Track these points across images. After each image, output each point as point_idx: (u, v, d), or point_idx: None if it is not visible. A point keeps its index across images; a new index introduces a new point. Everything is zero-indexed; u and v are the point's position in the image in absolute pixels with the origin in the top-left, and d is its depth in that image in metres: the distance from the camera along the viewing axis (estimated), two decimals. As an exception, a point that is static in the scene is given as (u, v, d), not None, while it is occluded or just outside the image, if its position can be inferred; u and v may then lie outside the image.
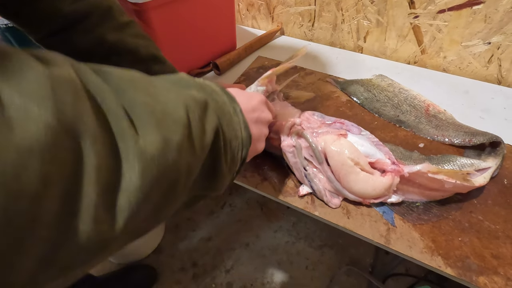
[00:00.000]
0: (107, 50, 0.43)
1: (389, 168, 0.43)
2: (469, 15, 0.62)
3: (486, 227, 0.42)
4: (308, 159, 0.46)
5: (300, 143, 0.46)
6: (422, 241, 0.41)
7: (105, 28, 0.42)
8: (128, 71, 0.22)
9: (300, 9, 0.81)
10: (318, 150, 0.44)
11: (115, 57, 0.44)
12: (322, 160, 0.45)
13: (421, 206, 0.45)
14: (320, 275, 1.02)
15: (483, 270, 0.38)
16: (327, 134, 0.46)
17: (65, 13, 0.39)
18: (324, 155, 0.45)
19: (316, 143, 0.45)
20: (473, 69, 0.69)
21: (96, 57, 0.43)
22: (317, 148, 0.44)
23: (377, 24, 0.73)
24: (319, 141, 0.45)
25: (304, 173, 0.46)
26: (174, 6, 0.58)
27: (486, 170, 0.46)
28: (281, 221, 1.16)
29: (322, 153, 0.44)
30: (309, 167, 0.46)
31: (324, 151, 0.44)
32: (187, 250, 1.10)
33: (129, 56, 0.45)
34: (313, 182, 0.46)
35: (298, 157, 0.46)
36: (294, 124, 0.49)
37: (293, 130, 0.47)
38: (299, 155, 0.46)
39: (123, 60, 0.45)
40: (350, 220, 0.44)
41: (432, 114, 0.58)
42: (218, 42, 0.73)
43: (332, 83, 0.68)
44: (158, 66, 0.48)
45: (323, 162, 0.45)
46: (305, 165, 0.46)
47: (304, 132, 0.46)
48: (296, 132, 0.47)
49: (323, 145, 0.44)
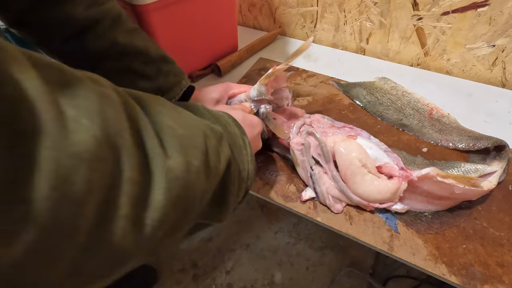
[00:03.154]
0: (119, 52, 0.44)
1: (397, 173, 0.43)
2: (474, 17, 0.62)
3: (491, 234, 0.42)
4: (315, 159, 0.46)
5: (309, 141, 0.46)
6: (425, 248, 0.41)
7: (116, 32, 0.43)
8: (154, 96, 0.23)
9: (302, 10, 0.80)
10: (326, 148, 0.45)
11: (127, 58, 0.44)
12: (329, 159, 0.45)
13: (430, 216, 0.44)
14: (321, 276, 1.02)
15: (488, 279, 0.38)
16: (337, 135, 0.46)
17: (78, 19, 0.40)
18: (332, 155, 0.45)
19: (325, 142, 0.45)
20: (477, 71, 0.69)
21: (109, 60, 0.43)
22: (326, 146, 0.45)
23: (380, 26, 0.72)
24: (328, 140, 0.45)
25: (310, 172, 0.46)
26: (174, 8, 0.57)
27: (491, 175, 0.45)
28: (282, 222, 1.16)
29: (330, 152, 0.45)
30: (315, 167, 0.46)
31: (333, 150, 0.45)
32: (188, 251, 1.10)
33: (140, 57, 0.45)
34: (317, 184, 0.45)
35: (306, 155, 0.46)
36: (304, 123, 0.49)
37: (303, 129, 0.48)
38: (307, 153, 0.46)
39: (135, 61, 0.45)
40: (352, 226, 0.44)
41: (436, 118, 0.57)
42: (220, 44, 0.73)
43: (334, 85, 0.67)
44: (168, 66, 0.49)
45: (330, 161, 0.45)
46: (312, 164, 0.46)
47: (314, 131, 0.46)
48: (306, 130, 0.47)
49: (332, 144, 0.45)
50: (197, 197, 0.22)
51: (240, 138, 0.30)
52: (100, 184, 0.15)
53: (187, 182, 0.20)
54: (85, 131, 0.14)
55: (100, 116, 0.15)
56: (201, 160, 0.22)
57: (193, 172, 0.20)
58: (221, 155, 0.25)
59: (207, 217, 0.27)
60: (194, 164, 0.21)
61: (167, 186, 0.18)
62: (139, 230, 0.17)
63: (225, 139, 0.27)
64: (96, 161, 0.14)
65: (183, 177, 0.19)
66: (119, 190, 0.16)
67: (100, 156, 0.15)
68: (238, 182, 0.29)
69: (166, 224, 0.19)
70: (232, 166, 0.27)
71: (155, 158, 0.18)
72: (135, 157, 0.17)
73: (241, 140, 0.30)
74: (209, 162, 0.23)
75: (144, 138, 0.18)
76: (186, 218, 0.21)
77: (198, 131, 0.23)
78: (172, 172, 0.19)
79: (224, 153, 0.25)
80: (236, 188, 0.28)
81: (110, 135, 0.16)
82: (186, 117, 0.23)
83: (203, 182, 0.22)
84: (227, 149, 0.26)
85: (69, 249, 0.14)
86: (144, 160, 0.18)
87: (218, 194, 0.26)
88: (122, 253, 0.17)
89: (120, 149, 0.16)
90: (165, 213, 0.18)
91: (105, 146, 0.15)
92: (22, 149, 0.12)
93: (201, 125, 0.24)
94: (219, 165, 0.25)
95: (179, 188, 0.19)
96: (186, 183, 0.20)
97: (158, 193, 0.18)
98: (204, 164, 0.22)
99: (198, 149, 0.22)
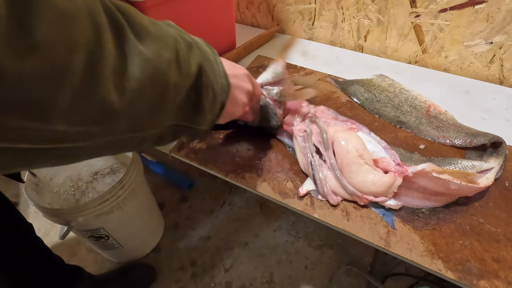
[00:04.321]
0: None
1: (393, 168, 0.43)
2: (471, 14, 0.62)
3: (487, 230, 0.42)
4: (316, 147, 0.47)
5: (311, 128, 0.48)
6: (422, 244, 0.41)
7: None
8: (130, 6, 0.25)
9: (300, 8, 0.80)
10: (327, 135, 0.46)
11: None
12: (328, 146, 0.46)
13: (427, 212, 0.44)
14: (319, 274, 1.02)
15: (484, 274, 0.38)
16: (338, 125, 0.48)
17: None
18: (331, 144, 0.46)
19: (326, 130, 0.47)
20: (474, 69, 0.69)
21: None
22: (326, 134, 0.46)
23: (378, 23, 0.72)
24: (330, 129, 0.47)
25: (310, 159, 0.47)
26: (172, 5, 0.57)
27: (488, 171, 0.45)
28: (281, 220, 1.16)
29: (330, 140, 0.46)
30: (315, 155, 0.47)
31: (333, 138, 0.46)
32: (186, 249, 1.10)
33: None
34: (316, 171, 0.46)
35: (308, 141, 0.48)
36: (309, 112, 0.51)
37: (307, 117, 0.50)
38: (308, 140, 0.48)
39: None
40: (349, 222, 0.44)
41: (433, 115, 0.57)
42: (218, 41, 0.73)
43: (332, 83, 0.67)
44: None
45: (329, 148, 0.46)
46: (312, 152, 0.47)
47: (316, 119, 0.48)
48: (309, 118, 0.50)
49: (332, 133, 0.46)
50: (170, 85, 0.25)
51: (211, 56, 0.32)
52: (84, 43, 0.18)
53: (159, 67, 0.23)
54: None
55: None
56: (172, 55, 0.25)
57: (164, 61, 0.24)
58: (191, 59, 0.28)
59: (186, 119, 0.30)
60: (165, 55, 0.24)
61: (141, 64, 0.22)
62: (121, 92, 0.21)
63: (196, 48, 0.29)
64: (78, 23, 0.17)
65: (154, 61, 0.23)
66: (101, 55, 0.19)
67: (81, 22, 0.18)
68: (212, 92, 0.31)
69: (144, 97, 0.23)
70: (203, 74, 0.29)
71: (130, 41, 0.22)
72: (111, 36, 0.20)
73: (212, 58, 0.32)
74: (179, 59, 0.26)
75: (119, 26, 0.21)
76: (163, 102, 0.25)
77: (169, 34, 0.26)
78: (145, 54, 0.22)
79: (194, 58, 0.28)
80: (210, 96, 0.31)
81: (91, 11, 0.19)
82: (158, 23, 0.26)
83: (175, 74, 0.25)
84: (197, 56, 0.29)
85: (67, 82, 0.17)
86: (119, 41, 0.21)
87: (192, 97, 0.29)
88: (108, 105, 0.20)
89: (99, 24, 0.19)
90: (141, 85, 0.22)
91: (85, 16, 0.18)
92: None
93: (172, 31, 0.27)
94: (190, 66, 0.27)
95: (152, 69, 0.23)
96: (158, 67, 0.23)
97: (133, 67, 0.21)
98: (175, 59, 0.25)
99: (169, 45, 0.25)
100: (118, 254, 1.00)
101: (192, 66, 0.28)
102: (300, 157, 0.49)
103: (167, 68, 0.24)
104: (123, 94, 0.21)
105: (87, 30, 0.18)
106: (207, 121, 0.33)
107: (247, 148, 0.54)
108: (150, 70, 0.22)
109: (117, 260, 1.05)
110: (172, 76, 0.25)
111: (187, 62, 0.27)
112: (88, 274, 0.86)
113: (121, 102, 0.21)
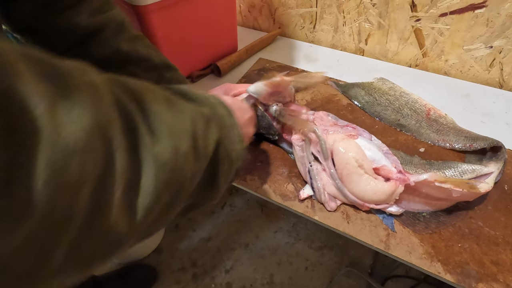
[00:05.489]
0: (122, 59, 0.44)
1: (395, 176, 0.43)
2: (471, 18, 0.62)
3: (486, 233, 0.42)
4: (314, 155, 0.47)
5: (310, 137, 0.47)
6: (421, 246, 0.41)
7: (119, 39, 0.43)
8: (143, 83, 0.23)
9: (302, 11, 0.80)
10: (325, 145, 0.45)
11: (130, 65, 0.45)
12: (328, 156, 0.45)
13: (428, 216, 0.44)
14: (320, 276, 1.03)
15: (483, 277, 0.38)
16: (337, 133, 0.47)
17: (82, 27, 0.40)
18: (331, 153, 0.45)
19: (325, 139, 0.46)
20: (474, 72, 0.69)
21: (112, 66, 0.44)
22: (325, 144, 0.45)
23: (379, 27, 0.73)
24: (328, 138, 0.46)
25: (308, 168, 0.47)
26: (175, 8, 0.58)
27: (488, 176, 0.45)
28: (281, 222, 1.16)
29: (329, 150, 0.45)
30: (314, 163, 0.47)
31: (332, 148, 0.45)
32: (187, 250, 1.10)
33: (143, 64, 0.46)
34: (314, 179, 0.46)
35: (306, 151, 0.47)
36: (308, 120, 0.50)
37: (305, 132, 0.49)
38: (307, 149, 0.47)
39: (137, 68, 0.46)
40: (350, 224, 0.44)
41: (433, 118, 0.57)
42: (219, 44, 0.73)
43: (333, 86, 0.67)
44: (170, 73, 0.49)
45: (328, 158, 0.46)
46: (310, 160, 0.47)
47: (315, 127, 0.47)
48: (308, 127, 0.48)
49: (331, 142, 0.45)
50: (187, 179, 0.23)
51: (227, 119, 0.31)
52: (92, 174, 0.15)
53: (176, 166, 0.21)
54: (76, 122, 0.15)
55: (90, 107, 0.16)
56: (189, 144, 0.23)
57: (181, 156, 0.21)
58: (209, 137, 0.26)
59: (199, 197, 0.28)
60: (182, 148, 0.22)
61: (156, 172, 0.19)
62: (132, 215, 0.18)
63: (213, 120, 0.27)
64: (88, 152, 0.15)
65: (171, 162, 0.20)
66: (111, 178, 0.17)
67: (91, 147, 0.15)
68: (228, 162, 0.29)
69: (158, 207, 0.20)
70: (220, 147, 0.28)
71: (145, 145, 0.19)
72: (124, 146, 0.18)
73: (228, 121, 0.31)
74: (197, 145, 0.24)
75: (133, 126, 0.19)
76: (177, 199, 0.23)
77: (185, 115, 0.24)
78: (160, 158, 0.20)
79: (212, 135, 0.26)
80: (226, 168, 0.29)
81: (100, 126, 0.16)
82: (173, 102, 0.24)
83: (192, 165, 0.23)
84: (215, 131, 0.27)
85: (65, 235, 0.15)
86: (133, 148, 0.19)
87: (208, 175, 0.27)
88: (116, 238, 0.18)
89: (111, 139, 0.17)
90: (156, 196, 0.19)
91: (96, 137, 0.16)
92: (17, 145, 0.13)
93: (188, 110, 0.25)
94: (208, 147, 0.26)
95: (168, 172, 0.20)
96: (175, 167, 0.21)
97: (148, 178, 0.19)
98: (192, 147, 0.23)
99: (186, 133, 0.23)
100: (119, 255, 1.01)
101: (210, 145, 0.26)
102: (298, 165, 0.49)
103: (184, 163, 0.22)
104: (134, 217, 0.18)
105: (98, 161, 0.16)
106: (220, 193, 0.30)
107: (248, 151, 0.54)
108: (166, 174, 0.20)
109: (119, 260, 1.06)
110: (189, 168, 0.23)
111: (205, 142, 0.25)
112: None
113: (131, 227, 0.18)
